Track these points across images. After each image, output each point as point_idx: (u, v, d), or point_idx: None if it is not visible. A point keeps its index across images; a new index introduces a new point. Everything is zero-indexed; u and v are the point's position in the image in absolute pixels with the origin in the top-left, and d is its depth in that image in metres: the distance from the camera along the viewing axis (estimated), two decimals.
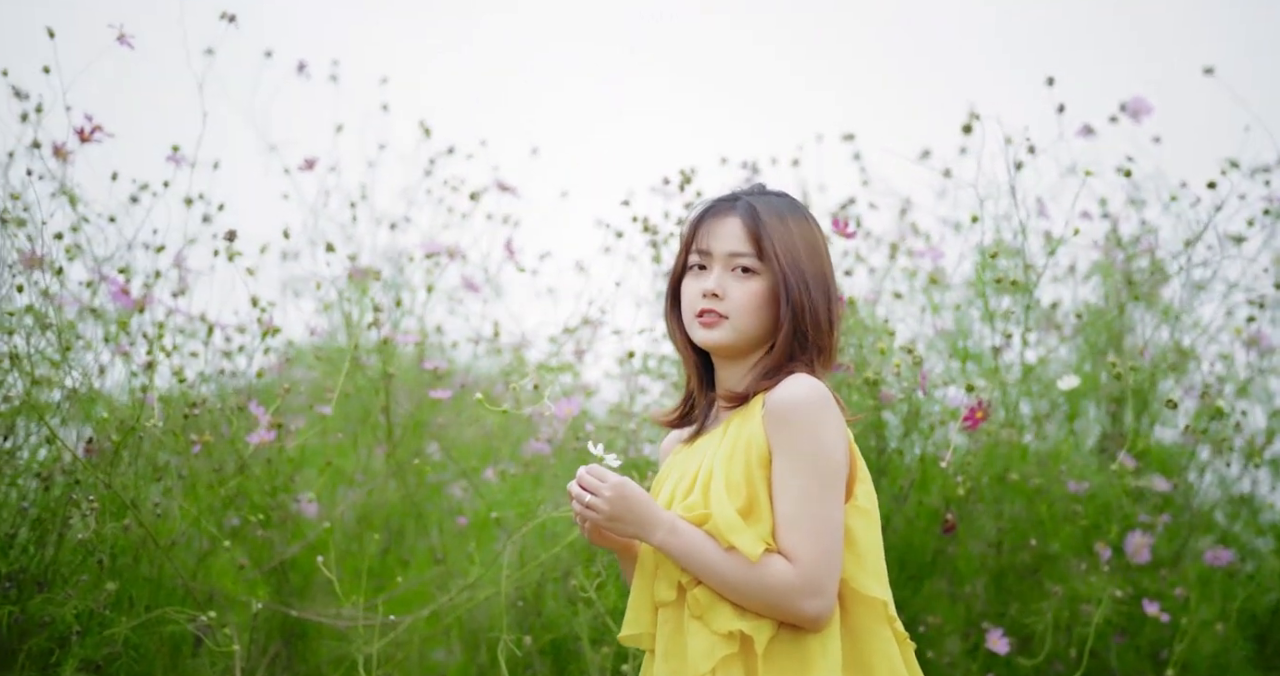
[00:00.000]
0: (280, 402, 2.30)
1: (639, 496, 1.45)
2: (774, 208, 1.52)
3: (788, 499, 1.43)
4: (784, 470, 1.44)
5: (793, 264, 1.48)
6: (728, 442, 1.49)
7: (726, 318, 1.50)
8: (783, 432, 1.44)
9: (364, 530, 2.62)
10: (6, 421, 2.11)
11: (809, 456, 1.44)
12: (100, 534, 2.02)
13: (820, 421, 1.45)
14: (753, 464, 1.46)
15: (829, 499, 1.44)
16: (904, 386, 2.23)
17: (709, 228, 1.52)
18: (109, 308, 2.45)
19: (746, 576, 1.42)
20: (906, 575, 2.44)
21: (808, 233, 1.51)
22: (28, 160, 2.47)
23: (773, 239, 1.48)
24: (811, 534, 1.42)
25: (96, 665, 2.11)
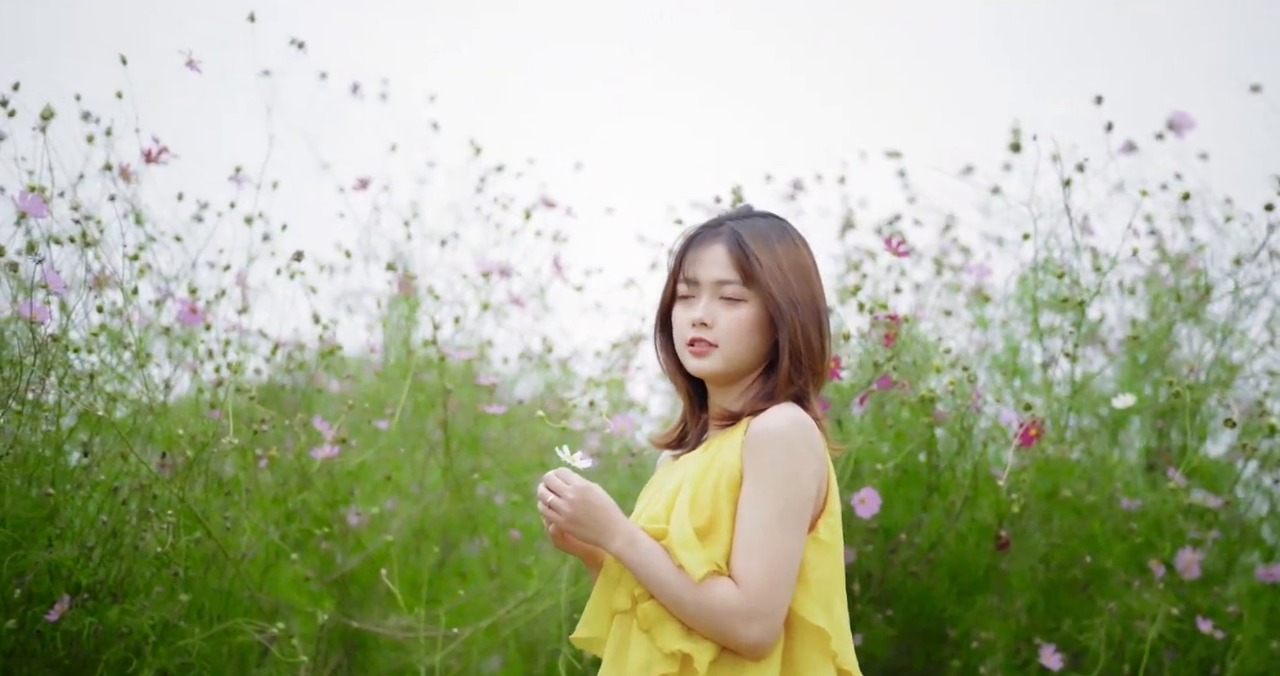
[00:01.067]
0: (344, 418, 2.36)
1: (602, 503, 1.47)
2: (760, 232, 1.51)
3: (748, 524, 1.44)
4: (750, 496, 1.45)
5: (780, 289, 1.49)
6: (704, 461, 1.51)
7: (716, 346, 1.50)
8: (756, 460, 1.46)
9: (420, 543, 2.67)
10: (86, 437, 2.18)
11: (777, 486, 1.45)
12: (175, 547, 2.08)
13: (795, 453, 1.46)
14: (721, 485, 1.47)
15: (789, 531, 1.45)
16: (957, 404, 2.26)
17: (695, 256, 1.52)
18: (175, 325, 2.52)
19: (693, 596, 1.44)
20: (958, 591, 2.46)
21: (795, 256, 1.51)
22: (99, 182, 2.55)
23: (759, 265, 1.49)
24: (764, 562, 1.43)
25: (166, 673, 2.17)
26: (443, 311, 2.82)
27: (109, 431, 2.18)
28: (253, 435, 2.21)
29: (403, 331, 2.89)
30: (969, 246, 3.11)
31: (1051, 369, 2.65)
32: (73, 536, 2.10)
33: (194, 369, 2.44)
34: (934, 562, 2.44)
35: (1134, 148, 3.03)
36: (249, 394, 2.19)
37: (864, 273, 2.85)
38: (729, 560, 1.45)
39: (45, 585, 2.12)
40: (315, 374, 2.73)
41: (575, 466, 1.49)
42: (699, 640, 1.44)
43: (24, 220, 2.15)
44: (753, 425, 1.48)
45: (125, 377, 2.26)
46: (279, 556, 2.37)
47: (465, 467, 2.68)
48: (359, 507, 2.54)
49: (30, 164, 2.35)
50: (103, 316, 2.20)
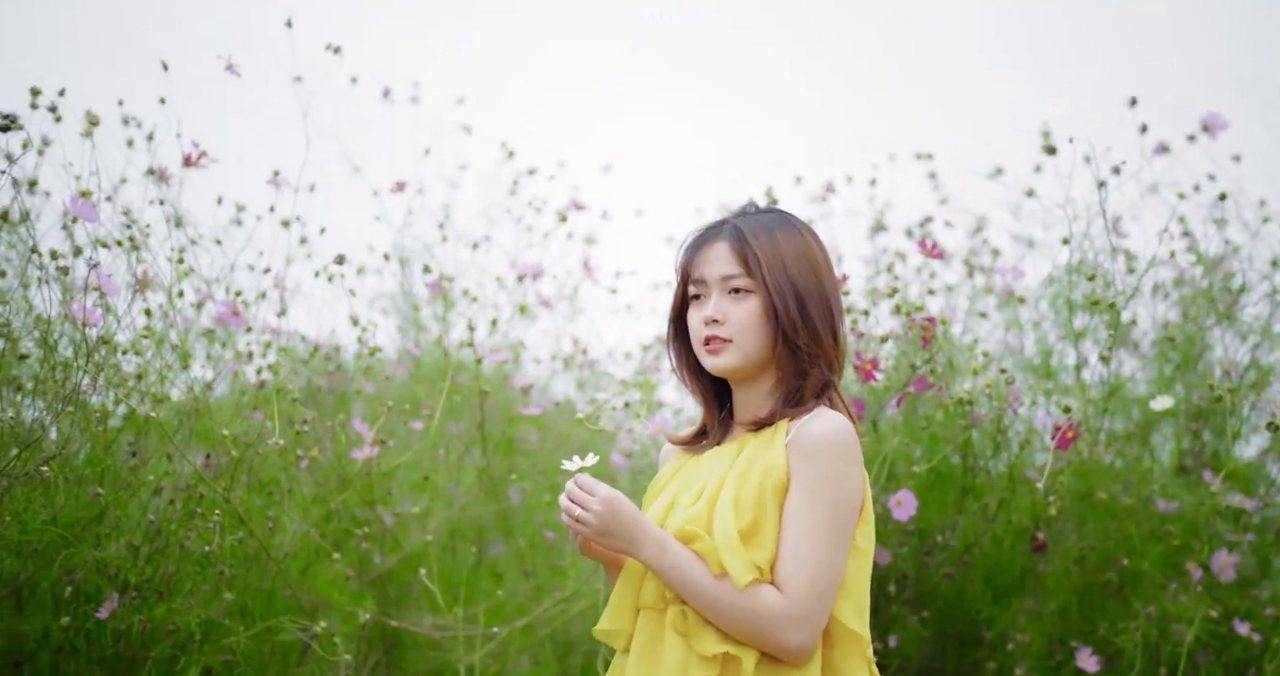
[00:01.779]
0: (383, 420, 2.38)
1: (629, 511, 1.45)
2: (761, 225, 1.52)
3: (795, 531, 1.45)
4: (799, 503, 1.46)
5: (779, 277, 1.49)
6: (742, 462, 1.50)
7: (731, 341, 1.51)
8: (807, 467, 1.46)
9: (456, 543, 2.70)
10: (133, 438, 2.21)
11: (826, 494, 1.45)
12: (221, 546, 2.11)
13: (846, 462, 1.47)
14: (766, 489, 1.47)
15: (835, 539, 1.46)
16: (993, 406, 2.27)
17: (700, 256, 1.53)
18: (216, 327, 2.56)
19: (732, 601, 1.43)
20: (993, 593, 2.46)
21: (799, 244, 1.52)
22: (142, 186, 2.59)
23: (759, 255, 1.49)
24: (810, 570, 1.44)
25: (211, 671, 2.21)
26: (480, 314, 2.85)
27: (155, 432, 2.21)
28: (295, 436, 2.24)
29: (437, 334, 2.92)
30: (999, 248, 3.12)
31: (1084, 371, 2.65)
32: (121, 535, 2.14)
33: (236, 371, 2.48)
34: (968, 564, 2.44)
35: (1166, 149, 3.02)
36: (292, 396, 2.22)
37: (896, 275, 2.86)
38: (772, 564, 1.45)
39: (94, 583, 2.15)
40: (353, 376, 2.77)
41: (586, 467, 1.48)
42: (741, 643, 1.45)
43: (72, 224, 2.19)
44: (802, 430, 1.48)
45: (169, 379, 2.30)
46: (318, 556, 2.40)
47: (501, 469, 2.70)
48: (397, 508, 2.57)
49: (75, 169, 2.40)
50: (148, 319, 2.23)
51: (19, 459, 1.82)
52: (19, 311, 2.11)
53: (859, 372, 2.20)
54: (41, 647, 2.16)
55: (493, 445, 2.69)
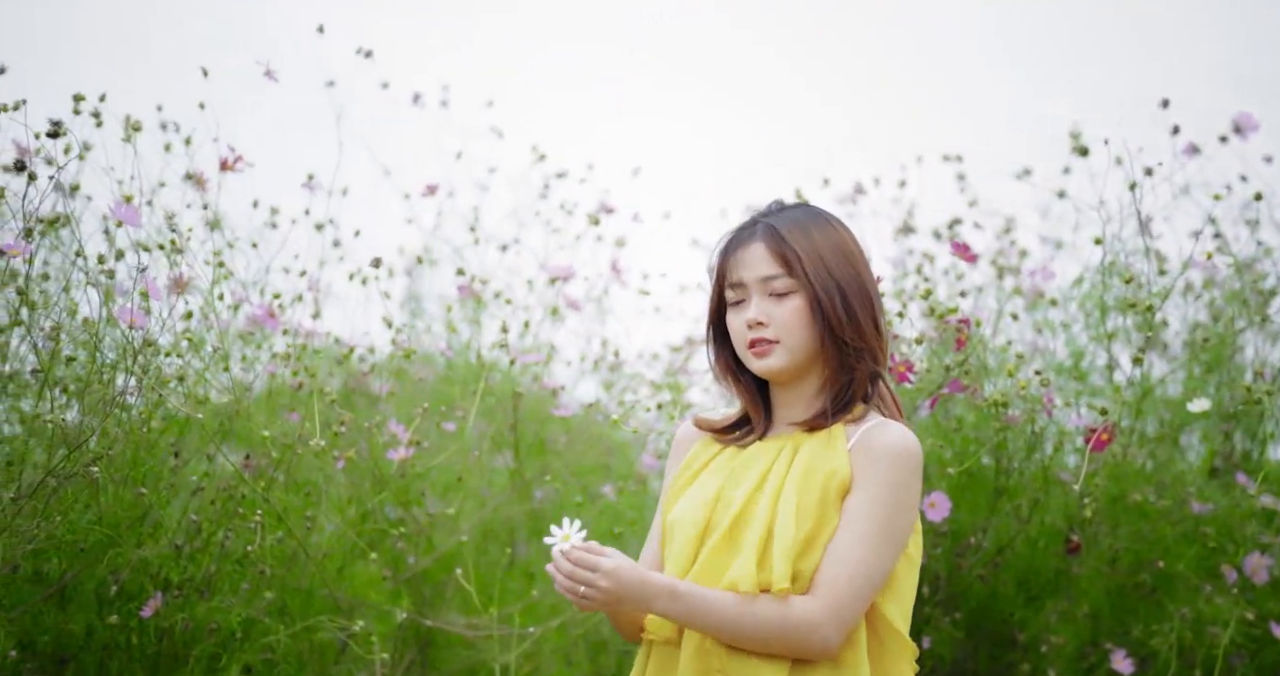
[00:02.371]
0: (419, 421, 2.41)
1: (633, 574, 1.42)
2: (794, 221, 1.51)
3: (849, 535, 1.45)
4: (857, 508, 1.46)
5: (821, 273, 1.48)
6: (801, 465, 1.49)
7: (777, 341, 1.50)
8: (873, 474, 1.46)
9: (488, 544, 2.72)
10: (173, 439, 2.25)
11: (887, 504, 1.46)
12: (261, 546, 2.14)
13: (912, 476, 1.47)
14: (831, 494, 1.46)
15: (886, 549, 1.46)
16: (1027, 408, 2.27)
17: (736, 259, 1.52)
18: (253, 329, 2.59)
19: (755, 617, 1.43)
20: (1026, 596, 2.47)
21: (834, 238, 1.51)
22: (180, 190, 2.62)
23: (798, 252, 1.48)
24: (850, 570, 1.44)
25: (250, 669, 2.24)
26: (514, 316, 2.87)
27: (196, 433, 2.25)
28: (333, 437, 2.26)
29: (469, 335, 2.95)
30: (1027, 249, 3.12)
31: (1115, 373, 2.65)
32: (163, 535, 2.17)
33: (273, 372, 2.51)
34: (1000, 566, 2.45)
35: (1197, 150, 3.02)
36: (330, 397, 2.25)
37: (925, 276, 2.86)
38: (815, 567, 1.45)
39: (138, 582, 2.18)
40: (387, 377, 2.79)
41: (575, 543, 1.42)
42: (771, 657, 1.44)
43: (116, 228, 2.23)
44: (872, 439, 1.49)
45: (209, 381, 2.33)
46: (354, 555, 2.43)
47: (532, 470, 2.73)
48: (431, 508, 2.60)
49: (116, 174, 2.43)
50: (187, 321, 2.26)
51: (68, 460, 1.85)
52: (64, 314, 2.15)
53: (893, 374, 2.21)
54: (85, 646, 2.20)
55: (525, 446, 2.71)
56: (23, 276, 2.28)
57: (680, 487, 1.57)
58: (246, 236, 2.76)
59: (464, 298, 3.15)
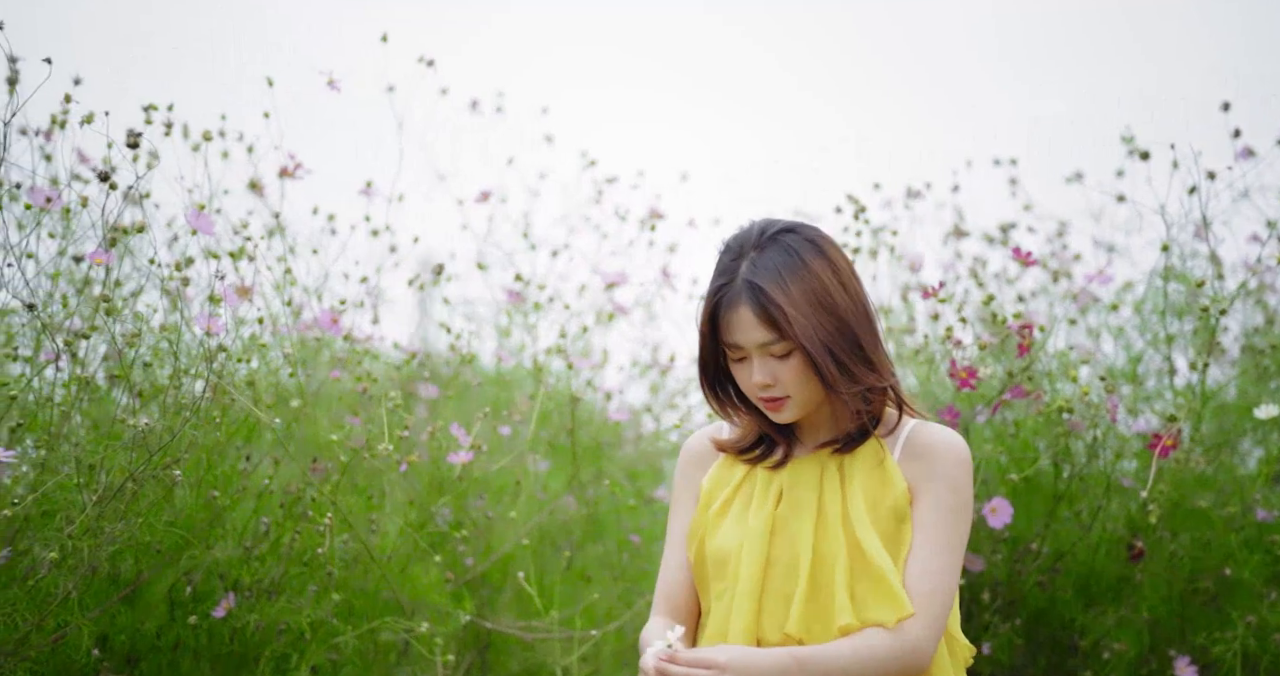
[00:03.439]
0: (480, 425, 2.44)
1: (751, 656, 1.42)
2: (773, 275, 1.46)
3: (925, 546, 1.46)
4: (928, 516, 1.47)
5: (806, 334, 1.45)
6: (860, 495, 1.49)
7: (789, 397, 1.49)
8: (933, 481, 1.47)
9: (545, 547, 2.75)
10: (241, 443, 2.29)
11: (954, 512, 1.47)
12: (329, 549, 2.17)
13: (966, 475, 1.49)
14: (900, 511, 1.48)
15: (958, 553, 1.48)
16: (1090, 414, 2.26)
17: (727, 322, 1.49)
18: (319, 335, 2.63)
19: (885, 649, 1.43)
20: (1085, 601, 2.46)
21: (811, 286, 1.47)
22: (243, 198, 2.67)
23: (785, 315, 1.45)
24: (935, 582, 1.45)
25: (317, 669, 2.27)
26: (569, 321, 2.90)
27: (264, 437, 2.29)
28: (397, 441, 2.29)
29: (522, 340, 2.97)
30: (1081, 253, 3.10)
31: (1174, 378, 2.63)
32: (234, 537, 2.21)
33: (337, 377, 2.54)
34: (1060, 572, 2.44)
35: (1253, 153, 2.99)
36: (395, 402, 2.28)
37: (980, 280, 2.85)
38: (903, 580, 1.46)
39: (209, 583, 2.23)
40: (446, 382, 2.83)
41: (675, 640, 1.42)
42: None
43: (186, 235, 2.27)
44: (922, 443, 1.50)
45: (277, 385, 2.37)
46: (416, 558, 2.46)
47: (589, 473, 2.75)
48: (489, 511, 2.62)
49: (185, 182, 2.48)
50: (259, 325, 2.31)
51: (149, 463, 1.89)
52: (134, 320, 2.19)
53: (954, 380, 2.21)
54: (157, 646, 2.24)
55: (581, 450, 2.74)
56: (99, 283, 2.34)
57: (715, 513, 1.55)
58: (305, 242, 2.80)
59: (514, 303, 3.19)
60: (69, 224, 2.37)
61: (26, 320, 2.14)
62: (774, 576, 1.50)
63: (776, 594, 1.49)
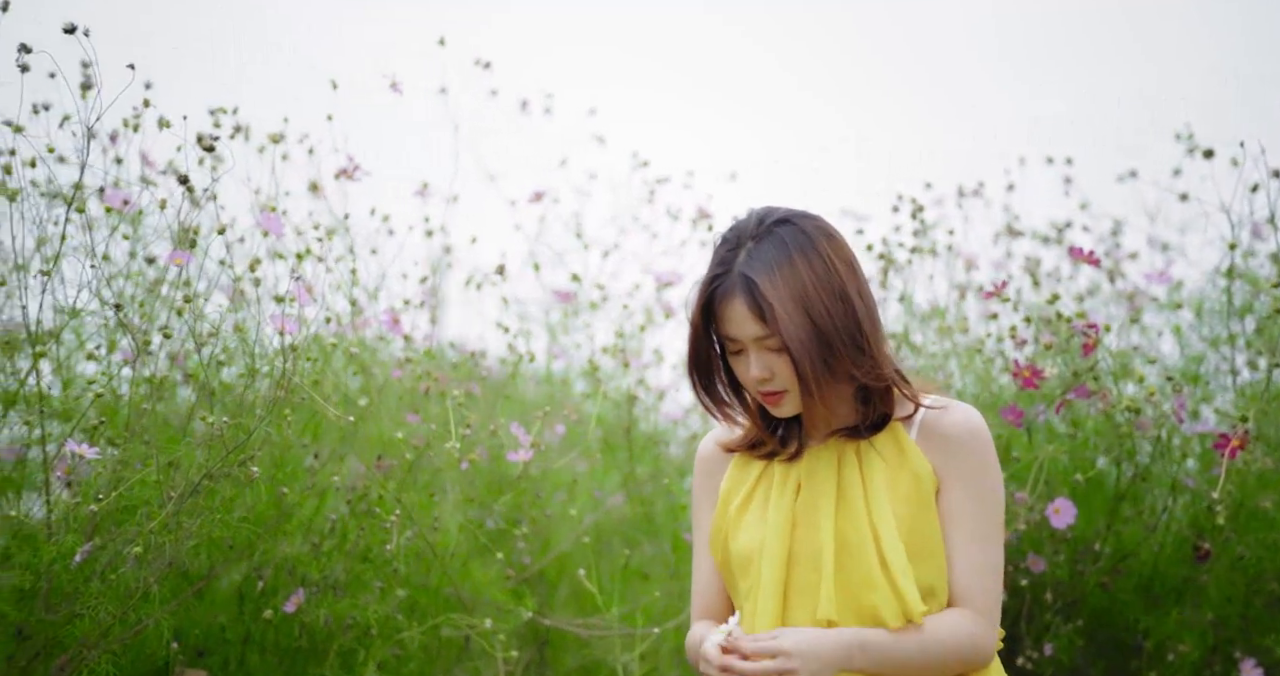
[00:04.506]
0: (540, 425, 2.46)
1: (814, 636, 1.40)
2: (765, 267, 1.43)
3: (967, 536, 1.43)
4: (961, 503, 1.43)
5: (793, 332, 1.41)
6: (879, 479, 1.45)
7: (787, 390, 1.46)
8: (961, 465, 1.44)
9: (601, 544, 2.77)
10: (308, 441, 2.32)
11: (987, 491, 1.44)
12: (396, 545, 2.20)
13: (991, 453, 1.45)
14: (925, 497, 1.44)
15: (1000, 536, 1.45)
16: (1157, 413, 2.25)
17: (723, 313, 1.46)
18: (380, 334, 2.66)
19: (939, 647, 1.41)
20: (1147, 602, 2.45)
21: (801, 280, 1.43)
22: (305, 199, 2.71)
23: (772, 310, 1.42)
24: (989, 575, 1.43)
25: (382, 664, 2.30)
26: (627, 320, 2.92)
27: (331, 434, 2.32)
28: (461, 440, 2.32)
29: (579, 340, 3.00)
30: (1137, 252, 3.08)
31: (1236, 378, 2.61)
32: (303, 534, 2.24)
33: (399, 376, 2.58)
34: (1123, 573, 2.43)
35: None
36: (458, 401, 2.30)
37: (1037, 280, 2.84)
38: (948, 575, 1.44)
39: (279, 579, 2.26)
40: (504, 381, 2.85)
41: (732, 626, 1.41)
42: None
43: (263, 237, 2.31)
44: (941, 425, 1.46)
45: (343, 384, 2.40)
46: (476, 555, 2.48)
47: (645, 472, 2.76)
48: (547, 510, 2.64)
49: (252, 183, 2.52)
50: (328, 325, 2.34)
51: (225, 460, 1.93)
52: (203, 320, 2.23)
53: (1017, 379, 2.21)
54: (227, 639, 2.28)
55: (637, 448, 2.75)
56: (168, 284, 2.38)
57: (735, 513, 1.52)
58: (362, 243, 2.83)
59: (565, 303, 3.21)
60: (138, 225, 2.41)
61: (108, 320, 2.19)
62: (798, 570, 1.47)
63: (802, 586, 1.47)
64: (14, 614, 1.86)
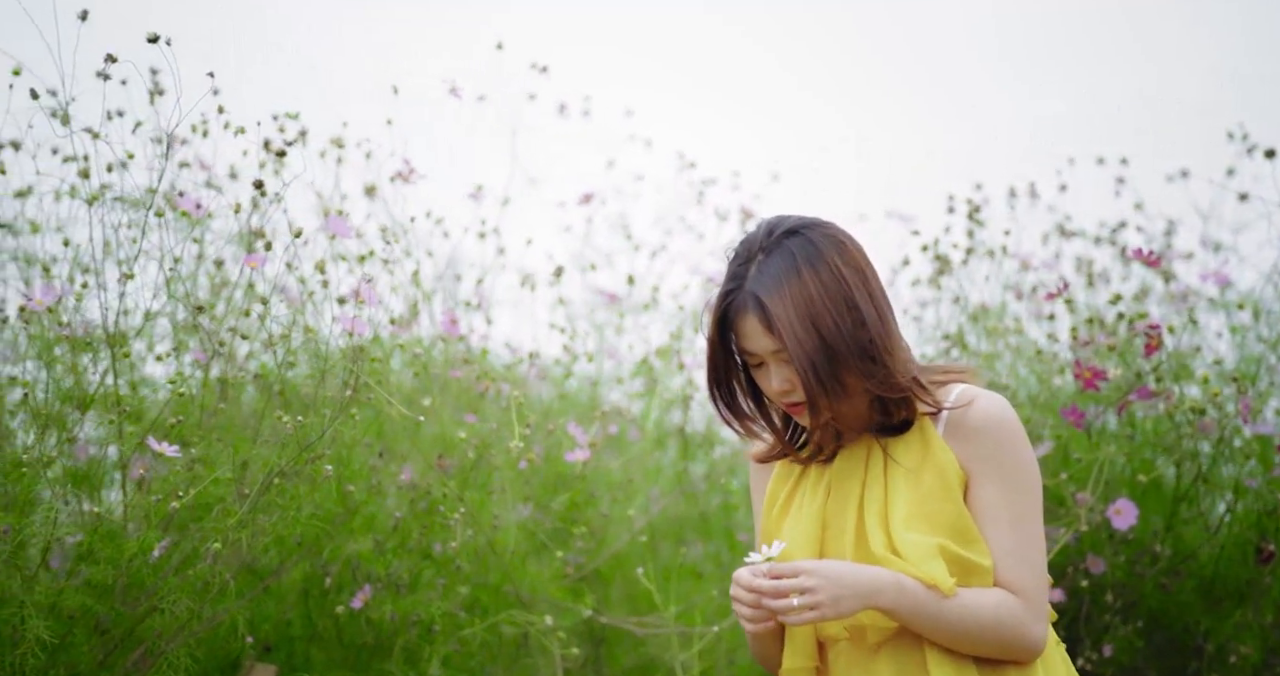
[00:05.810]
0: (597, 425, 2.48)
1: (843, 565, 1.38)
2: (773, 283, 1.43)
3: (1002, 527, 1.41)
4: (995, 495, 1.41)
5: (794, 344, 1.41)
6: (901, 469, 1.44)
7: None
8: (993, 457, 1.42)
9: (656, 543, 2.79)
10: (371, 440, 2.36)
11: (1021, 481, 1.42)
12: (460, 544, 2.23)
13: (1022, 440, 1.43)
14: (951, 489, 1.42)
15: (1039, 520, 1.42)
16: (1219, 415, 2.24)
17: (738, 328, 1.46)
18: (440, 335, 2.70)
19: (977, 618, 1.38)
20: (1209, 604, 2.43)
21: (804, 293, 1.42)
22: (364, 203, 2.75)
23: (779, 325, 1.41)
24: (1031, 562, 1.41)
25: (446, 660, 2.33)
26: (675, 320, 2.94)
27: (394, 433, 2.36)
28: (523, 439, 2.35)
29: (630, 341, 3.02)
30: (1193, 252, 3.07)
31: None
32: (369, 531, 2.28)
33: (458, 376, 2.61)
34: (1182, 574, 2.42)
35: None
36: (519, 401, 2.33)
37: (1092, 281, 2.84)
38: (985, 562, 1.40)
39: (345, 575, 2.30)
40: (559, 381, 2.88)
41: (774, 557, 1.39)
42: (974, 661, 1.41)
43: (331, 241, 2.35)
44: (967, 418, 1.44)
45: (403, 384, 2.44)
46: (534, 553, 2.51)
47: (699, 471, 2.78)
48: (603, 509, 2.67)
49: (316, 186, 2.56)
50: (393, 325, 2.37)
51: (297, 459, 1.97)
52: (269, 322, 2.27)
53: (1078, 381, 2.21)
54: (294, 635, 2.32)
55: (692, 447, 2.77)
56: (235, 286, 2.43)
57: (777, 515, 1.53)
58: (418, 245, 2.87)
59: (613, 304, 3.23)
60: (203, 229, 2.46)
61: (178, 322, 2.23)
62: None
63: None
64: (98, 607, 1.90)
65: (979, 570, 1.42)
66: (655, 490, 2.85)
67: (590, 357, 2.67)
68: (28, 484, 1.90)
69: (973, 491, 1.43)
